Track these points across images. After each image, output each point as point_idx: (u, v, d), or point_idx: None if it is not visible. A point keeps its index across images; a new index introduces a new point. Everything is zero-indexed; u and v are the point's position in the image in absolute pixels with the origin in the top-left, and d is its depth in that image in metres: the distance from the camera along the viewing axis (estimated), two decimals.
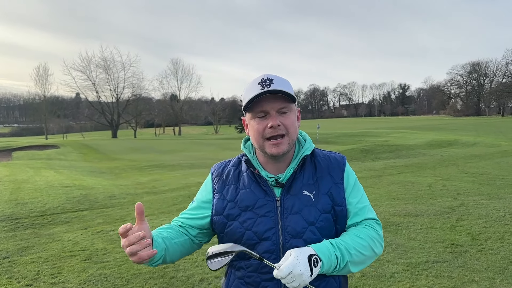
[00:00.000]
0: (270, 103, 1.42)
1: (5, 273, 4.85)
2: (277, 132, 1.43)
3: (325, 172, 1.52)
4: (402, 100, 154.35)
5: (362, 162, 17.60)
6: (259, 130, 1.44)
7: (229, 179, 1.56)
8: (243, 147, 1.60)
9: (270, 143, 1.44)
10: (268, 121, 1.43)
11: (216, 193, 1.55)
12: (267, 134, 1.43)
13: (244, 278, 1.48)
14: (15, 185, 11.02)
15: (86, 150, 28.95)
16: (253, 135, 1.48)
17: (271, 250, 1.42)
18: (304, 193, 1.47)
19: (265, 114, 1.44)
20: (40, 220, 7.62)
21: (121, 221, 7.45)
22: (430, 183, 10.87)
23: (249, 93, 1.44)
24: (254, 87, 1.43)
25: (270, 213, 1.44)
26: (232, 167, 1.60)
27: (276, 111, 1.43)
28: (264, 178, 1.49)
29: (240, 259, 1.48)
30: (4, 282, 4.56)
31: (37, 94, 72.67)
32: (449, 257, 5.00)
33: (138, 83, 69.84)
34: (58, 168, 17.12)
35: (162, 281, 4.52)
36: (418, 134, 35.40)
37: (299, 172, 1.51)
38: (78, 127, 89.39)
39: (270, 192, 1.47)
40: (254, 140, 1.49)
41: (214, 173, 1.61)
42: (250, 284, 1.47)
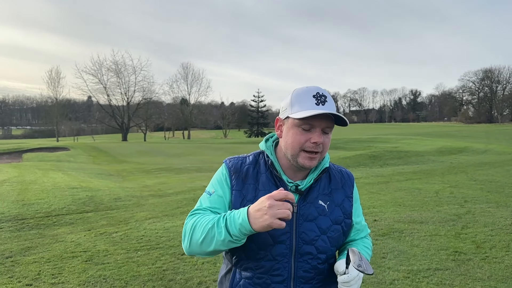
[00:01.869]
0: (321, 121, 1.45)
1: (7, 272, 4.89)
2: (317, 149, 1.46)
3: (339, 185, 1.60)
4: (413, 106, 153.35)
5: (370, 168, 17.50)
6: (300, 140, 1.45)
7: (248, 177, 1.54)
8: (265, 147, 1.59)
9: (307, 155, 1.46)
10: (311, 136, 1.45)
11: (235, 190, 1.52)
12: (307, 147, 1.45)
13: (253, 279, 1.49)
14: (22, 186, 11.14)
15: (95, 153, 29.18)
16: (292, 142, 1.47)
17: (284, 254, 1.46)
18: (319, 202, 1.52)
19: (311, 128, 1.45)
20: (45, 221, 7.68)
21: (125, 223, 7.48)
22: (438, 190, 10.75)
23: (302, 104, 1.45)
24: (308, 98, 1.45)
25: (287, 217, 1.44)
26: (250, 165, 1.58)
27: (321, 129, 1.46)
28: (284, 182, 1.51)
29: (248, 259, 1.49)
30: (5, 281, 4.60)
31: (49, 97, 73.55)
32: (451, 265, 4.92)
33: (148, 87, 70.40)
34: (66, 170, 17.28)
35: (160, 283, 4.52)
36: (428, 140, 35.10)
37: (316, 182, 1.55)
38: (89, 130, 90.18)
39: None
40: (289, 147, 1.49)
41: (232, 169, 1.57)
42: (259, 285, 1.48)
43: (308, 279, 1.48)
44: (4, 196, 9.70)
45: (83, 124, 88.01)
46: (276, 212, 1.22)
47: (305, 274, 1.48)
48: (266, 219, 1.23)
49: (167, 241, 6.14)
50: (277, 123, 1.58)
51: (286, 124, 1.51)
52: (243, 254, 1.49)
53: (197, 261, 5.12)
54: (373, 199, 9.57)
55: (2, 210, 8.28)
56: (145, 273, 4.81)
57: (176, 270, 4.89)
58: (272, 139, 1.63)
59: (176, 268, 4.95)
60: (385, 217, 7.61)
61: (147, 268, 4.98)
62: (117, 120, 68.11)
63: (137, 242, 6.17)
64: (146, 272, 4.84)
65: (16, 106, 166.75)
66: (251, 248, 1.46)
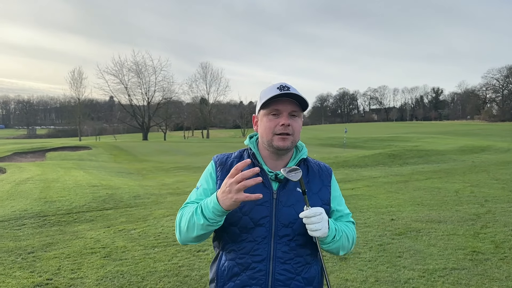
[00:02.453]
0: (285, 105, 1.63)
1: (29, 267, 5.04)
2: (286, 130, 1.62)
3: (316, 175, 1.75)
4: (435, 105, 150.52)
5: (389, 167, 17.31)
6: (271, 126, 1.63)
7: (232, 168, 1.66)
8: (249, 142, 1.77)
9: (278, 137, 1.62)
10: (280, 120, 1.62)
11: (219, 179, 1.68)
12: (277, 131, 1.61)
13: (236, 259, 1.62)
14: (45, 184, 11.43)
15: (116, 152, 29.64)
16: (264, 129, 1.65)
17: (263, 235, 1.59)
18: (297, 190, 1.65)
19: (278, 114, 1.63)
20: (66, 218, 7.88)
21: (143, 220, 7.61)
22: (458, 189, 10.58)
23: (267, 94, 1.63)
24: (273, 89, 1.63)
25: (267, 203, 1.61)
26: (234, 158, 1.75)
27: (288, 113, 1.63)
28: (265, 171, 1.66)
29: (232, 242, 1.63)
30: (27, 275, 4.75)
31: (72, 97, 74.88)
32: (468, 265, 4.86)
33: (168, 87, 71.03)
34: (88, 168, 17.63)
35: (176, 279, 4.60)
36: (450, 139, 34.46)
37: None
38: (111, 129, 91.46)
39: (269, 185, 1.64)
40: (263, 134, 1.66)
41: (218, 162, 1.74)
42: (241, 265, 1.61)
43: (286, 259, 1.61)
44: (27, 194, 9.98)
45: (105, 123, 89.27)
46: (235, 188, 1.38)
47: (283, 255, 1.60)
48: (230, 197, 1.40)
49: None
50: (254, 120, 1.77)
51: (260, 116, 1.70)
52: (228, 238, 1.64)
53: (212, 258, 5.19)
54: (391, 198, 9.48)
55: (25, 207, 8.53)
56: (162, 269, 4.90)
57: (192, 267, 4.96)
58: (256, 136, 1.79)
59: (191, 265, 5.03)
60: (403, 216, 7.54)
61: (163, 264, 5.07)
62: (138, 120, 68.96)
63: (154, 239, 6.28)
64: (162, 268, 4.93)
65: (41, 106, 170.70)
66: (234, 232, 1.61)
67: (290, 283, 1.60)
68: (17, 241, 6.21)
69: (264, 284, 1.59)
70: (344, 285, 4.35)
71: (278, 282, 1.58)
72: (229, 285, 1.63)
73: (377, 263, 4.98)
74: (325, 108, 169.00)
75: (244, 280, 1.60)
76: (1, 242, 6.18)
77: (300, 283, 1.62)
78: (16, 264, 5.13)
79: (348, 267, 4.89)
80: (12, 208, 8.51)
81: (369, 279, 4.48)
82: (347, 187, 11.56)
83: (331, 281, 4.47)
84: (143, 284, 4.49)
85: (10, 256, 5.46)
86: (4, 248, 5.85)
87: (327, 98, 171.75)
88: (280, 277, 1.59)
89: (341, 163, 18.54)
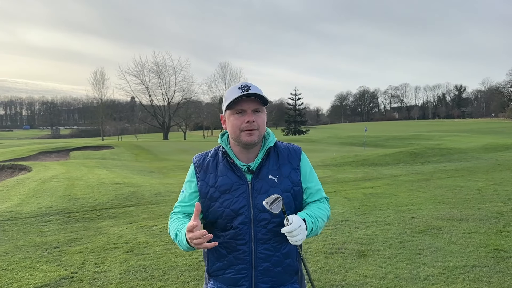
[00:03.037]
0: (248, 103, 1.80)
1: (54, 261, 5.21)
2: (252, 127, 1.79)
3: (286, 160, 1.91)
4: (458, 102, 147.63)
5: (411, 166, 17.10)
6: (237, 124, 1.81)
7: (209, 168, 1.91)
8: (220, 141, 1.94)
9: (245, 133, 1.80)
10: (245, 118, 1.80)
11: (199, 180, 1.91)
12: (244, 127, 1.80)
13: (222, 243, 1.84)
14: (69, 182, 11.72)
15: (138, 151, 30.09)
16: (231, 127, 1.83)
17: (244, 222, 1.81)
18: (270, 177, 1.85)
19: (243, 112, 1.81)
20: (90, 214, 8.08)
21: (164, 217, 7.75)
22: (480, 187, 10.40)
23: (230, 95, 1.80)
24: (235, 90, 1.80)
25: (244, 194, 1.82)
26: (210, 158, 1.95)
27: (252, 110, 1.81)
28: (238, 166, 1.86)
29: (219, 230, 1.85)
30: (53, 269, 4.91)
31: (94, 97, 76.04)
32: (490, 262, 4.80)
33: (188, 87, 71.51)
34: (110, 167, 17.96)
35: (196, 273, 4.69)
36: (473, 137, 33.79)
37: (266, 160, 1.88)
38: (133, 129, 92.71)
39: (243, 177, 1.84)
40: (231, 132, 1.84)
41: (196, 164, 1.96)
42: (227, 248, 1.84)
43: (266, 239, 1.81)
44: (52, 191, 10.26)
45: (127, 123, 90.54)
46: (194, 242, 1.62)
47: (263, 236, 1.81)
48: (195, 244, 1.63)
49: None
50: (222, 119, 1.93)
51: (226, 116, 1.87)
52: (214, 227, 1.87)
53: None
54: (411, 197, 9.39)
55: (50, 204, 8.78)
56: (182, 264, 5.00)
57: None
58: (227, 134, 1.96)
59: None
60: (423, 214, 7.47)
61: (184, 259, 5.17)
62: (159, 120, 69.74)
63: None
64: (183, 263, 5.03)
65: (64, 107, 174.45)
66: (220, 223, 1.84)
67: (270, 259, 1.82)
68: (44, 237, 6.42)
69: (249, 262, 1.82)
70: (363, 281, 4.36)
71: (260, 260, 1.81)
72: (218, 265, 1.87)
73: (397, 260, 4.97)
74: (344, 106, 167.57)
75: (230, 260, 1.84)
76: (28, 237, 6.40)
77: (279, 258, 1.84)
78: (43, 258, 5.31)
79: (367, 264, 4.89)
80: (38, 205, 8.77)
81: (388, 276, 4.48)
82: (366, 185, 11.49)
83: (321, 279, 4.49)
84: (164, 277, 4.59)
85: (37, 251, 5.65)
86: (31, 243, 6.05)
87: (347, 97, 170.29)
88: (261, 255, 1.81)
89: (360, 161, 18.40)
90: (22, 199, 9.39)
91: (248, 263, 1.82)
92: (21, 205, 8.75)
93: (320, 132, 78.80)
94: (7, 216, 7.82)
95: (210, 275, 1.93)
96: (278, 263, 1.84)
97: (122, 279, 4.56)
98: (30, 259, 5.26)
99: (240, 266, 1.82)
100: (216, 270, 1.88)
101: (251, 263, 1.82)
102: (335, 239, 5.95)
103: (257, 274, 1.82)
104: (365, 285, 4.27)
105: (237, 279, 1.83)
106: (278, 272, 1.84)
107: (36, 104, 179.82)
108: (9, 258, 5.33)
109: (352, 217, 7.32)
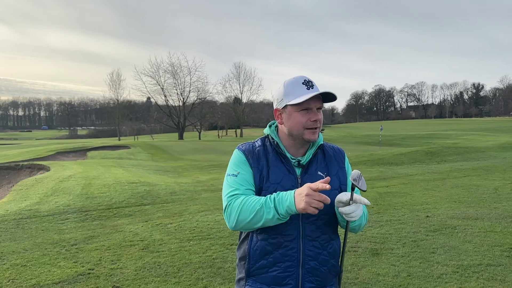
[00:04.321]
0: (314, 101, 1.76)
1: (72, 258, 5.34)
2: (316, 125, 1.78)
3: (333, 159, 1.91)
4: (476, 101, 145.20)
5: (426, 165, 16.94)
6: (302, 121, 1.76)
7: (260, 156, 1.84)
8: (269, 131, 1.91)
9: (310, 131, 1.77)
10: (311, 116, 1.77)
11: (253, 167, 1.81)
12: (308, 125, 1.77)
13: (268, 239, 1.76)
14: (86, 181, 11.93)
15: (153, 151, 30.42)
16: (295, 124, 1.78)
17: (293, 217, 1.71)
18: (319, 173, 1.82)
19: (308, 110, 1.77)
20: (106, 212, 8.23)
21: (179, 215, 7.85)
22: (497, 186, 10.26)
23: (296, 91, 1.76)
24: (299, 86, 1.77)
25: (293, 187, 1.74)
26: (259, 147, 1.88)
27: (316, 108, 1.78)
28: (288, 158, 1.82)
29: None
30: (70, 265, 5.04)
31: (111, 98, 77.27)
32: (505, 261, 4.76)
33: (202, 87, 72.05)
34: (127, 166, 18.20)
35: (210, 270, 4.75)
36: (490, 136, 33.23)
37: (314, 157, 1.86)
38: (149, 129, 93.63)
39: (292, 171, 1.80)
40: (294, 129, 1.79)
41: (246, 152, 1.86)
42: (274, 244, 1.75)
43: (315, 237, 1.77)
44: (70, 190, 10.46)
45: (143, 124, 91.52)
46: (311, 201, 1.50)
47: (311, 233, 1.76)
48: (302, 204, 1.51)
49: (217, 232, 6.39)
50: (276, 113, 1.87)
51: (285, 111, 1.81)
52: None
53: None
54: (427, 196, 9.32)
55: (68, 203, 8.97)
56: (196, 261, 5.07)
57: (225, 259, 5.10)
58: (274, 125, 1.93)
59: (225, 257, 5.17)
60: (438, 213, 7.42)
61: (198, 257, 5.24)
62: (174, 120, 70.38)
63: (189, 232, 6.48)
64: (197, 260, 5.10)
65: (81, 107, 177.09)
66: None
67: (318, 257, 1.77)
68: (61, 234, 6.57)
69: (296, 260, 1.75)
70: (376, 279, 4.37)
71: (308, 257, 1.75)
72: (262, 262, 1.77)
73: (410, 259, 4.96)
74: (360, 105, 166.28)
75: (277, 257, 1.75)
76: (47, 234, 6.55)
77: (326, 257, 1.80)
78: (61, 255, 5.44)
79: (380, 262, 4.89)
80: (56, 203, 8.96)
81: (401, 274, 4.48)
82: (381, 184, 11.43)
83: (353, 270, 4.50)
84: (179, 274, 4.67)
85: (55, 248, 5.79)
86: (49, 240, 6.20)
87: (362, 96, 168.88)
88: (309, 252, 1.75)
89: (376, 160, 18.29)
90: (40, 198, 9.61)
91: (296, 261, 1.74)
92: (40, 204, 8.96)
93: (335, 131, 78.39)
94: (26, 214, 8.02)
95: (250, 275, 1.80)
96: (325, 262, 1.79)
97: (138, 276, 4.65)
98: (49, 256, 5.40)
99: (287, 263, 1.74)
100: (259, 268, 1.78)
101: (298, 261, 1.75)
102: (348, 237, 5.95)
103: (304, 272, 1.75)
104: (377, 283, 4.28)
105: (283, 278, 1.75)
106: (324, 271, 1.79)
107: (54, 105, 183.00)
108: (28, 255, 5.47)
109: None
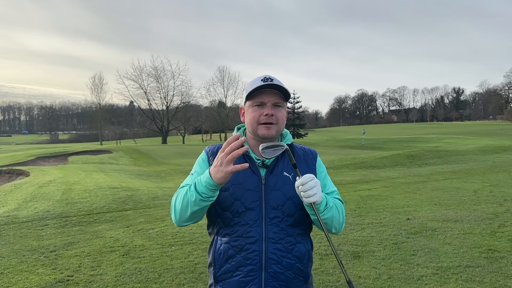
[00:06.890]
0: (269, 96, 1.73)
1: (51, 264, 5.23)
2: (270, 120, 1.72)
3: (302, 159, 1.84)
4: (456, 105, 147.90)
5: (408, 168, 17.16)
6: (255, 116, 1.74)
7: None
8: (237, 132, 1.86)
9: (263, 126, 1.73)
10: (264, 110, 1.73)
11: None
12: (262, 120, 1.73)
13: (230, 242, 1.72)
14: (67, 186, 11.74)
15: (136, 155, 30.12)
16: (249, 119, 1.76)
17: (255, 218, 1.70)
18: (284, 174, 1.76)
19: (262, 105, 1.74)
20: (87, 218, 8.10)
21: (161, 220, 7.77)
22: (477, 189, 10.45)
23: (252, 86, 1.73)
24: (257, 82, 1.73)
25: (256, 188, 1.72)
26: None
27: (272, 104, 1.74)
28: (253, 159, 1.77)
29: (226, 226, 1.74)
30: (49, 272, 4.93)
31: (93, 102, 76.11)
32: (483, 262, 4.83)
33: (186, 91, 71.67)
34: (108, 171, 17.98)
35: (191, 275, 4.71)
36: (470, 139, 33.86)
37: (281, 157, 1.80)
38: (132, 133, 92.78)
39: (257, 171, 1.75)
40: (249, 124, 1.77)
41: (209, 153, 1.86)
42: (236, 247, 1.71)
43: (278, 239, 1.70)
44: (50, 196, 10.28)
45: (126, 128, 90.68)
46: (225, 160, 1.48)
47: (274, 235, 1.69)
48: (221, 170, 1.49)
49: (200, 237, 6.35)
50: (241, 111, 1.87)
51: (245, 107, 1.81)
52: (221, 223, 1.74)
53: None
54: (408, 199, 9.44)
55: (47, 209, 8.80)
56: (178, 266, 5.03)
57: (207, 264, 5.06)
58: (244, 127, 1.90)
59: (207, 262, 5.13)
60: (419, 215, 7.51)
61: (179, 262, 5.20)
62: (157, 124, 69.79)
63: (172, 238, 6.42)
64: (179, 265, 5.06)
65: (63, 112, 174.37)
66: (227, 216, 1.72)
67: (282, 260, 1.69)
68: (40, 240, 6.44)
69: (259, 263, 1.68)
70: (357, 282, 4.39)
71: (271, 261, 1.68)
72: (226, 267, 1.73)
73: (391, 261, 5.00)
74: (343, 109, 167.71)
75: (239, 261, 1.70)
76: (25, 241, 6.42)
77: (291, 260, 1.71)
78: (39, 262, 5.33)
79: (362, 264, 4.93)
80: (36, 209, 8.79)
81: (382, 276, 4.51)
82: (363, 187, 11.53)
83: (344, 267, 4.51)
84: (160, 280, 4.61)
85: (34, 254, 5.67)
86: (28, 247, 6.07)
87: (346, 100, 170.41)
88: (272, 256, 1.68)
89: (358, 164, 18.45)
90: (19, 204, 9.41)
91: (258, 264, 1.68)
92: (18, 210, 8.78)
93: (318, 135, 78.84)
94: (4, 220, 7.85)
95: (217, 280, 1.76)
96: (290, 266, 1.70)
97: (118, 282, 4.58)
98: (26, 263, 5.28)
99: (249, 267, 1.68)
100: (224, 273, 1.73)
101: (261, 264, 1.68)
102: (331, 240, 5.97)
103: (267, 276, 1.68)
104: (359, 286, 4.30)
105: (246, 282, 1.68)
106: (289, 276, 1.70)
107: (35, 109, 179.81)
108: (5, 262, 5.35)
109: (348, 219, 7.35)
